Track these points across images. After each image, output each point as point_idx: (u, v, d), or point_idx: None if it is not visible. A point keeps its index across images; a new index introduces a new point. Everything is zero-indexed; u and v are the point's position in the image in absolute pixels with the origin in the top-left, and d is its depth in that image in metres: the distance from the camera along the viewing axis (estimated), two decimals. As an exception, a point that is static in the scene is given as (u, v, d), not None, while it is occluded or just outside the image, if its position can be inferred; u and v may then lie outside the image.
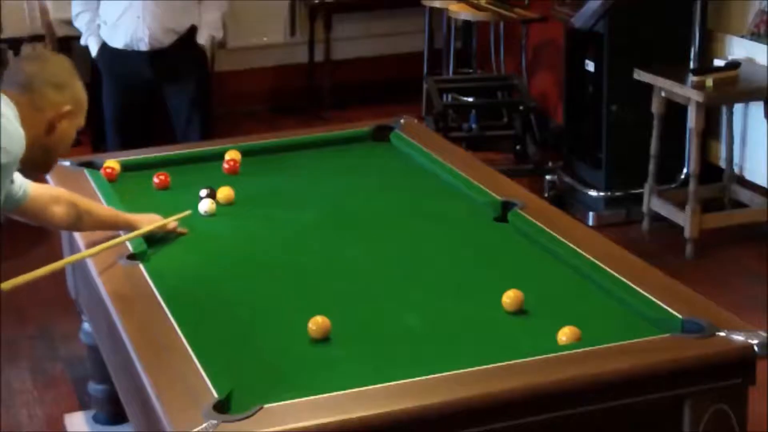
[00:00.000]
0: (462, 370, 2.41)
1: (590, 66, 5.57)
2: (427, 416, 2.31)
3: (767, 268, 4.86)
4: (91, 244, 3.14)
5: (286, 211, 3.54)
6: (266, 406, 2.29)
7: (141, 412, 2.63)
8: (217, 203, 3.53)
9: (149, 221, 3.22)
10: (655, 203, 5.28)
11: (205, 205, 3.48)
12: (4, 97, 2.55)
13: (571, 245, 3.04)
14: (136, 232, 3.16)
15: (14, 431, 3.93)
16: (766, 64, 5.16)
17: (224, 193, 3.57)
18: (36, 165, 2.67)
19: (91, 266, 3.07)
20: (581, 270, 2.94)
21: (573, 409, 2.39)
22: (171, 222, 3.28)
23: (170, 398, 2.36)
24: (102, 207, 3.26)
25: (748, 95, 5.15)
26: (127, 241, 3.14)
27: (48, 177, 3.68)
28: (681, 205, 5.10)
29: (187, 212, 3.38)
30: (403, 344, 2.68)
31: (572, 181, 5.70)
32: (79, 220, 3.08)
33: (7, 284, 2.74)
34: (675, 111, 5.17)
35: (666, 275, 2.87)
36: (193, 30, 5.05)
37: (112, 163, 3.81)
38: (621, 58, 5.35)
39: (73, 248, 3.45)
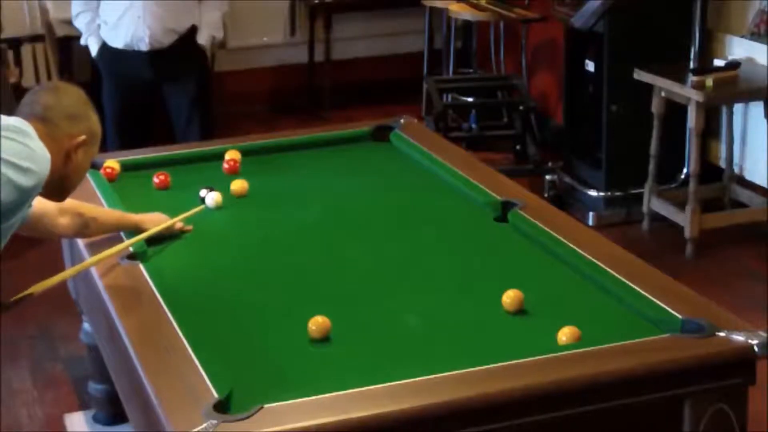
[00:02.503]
0: (462, 370, 2.41)
1: (590, 66, 5.57)
2: (427, 416, 2.31)
3: (767, 268, 4.86)
4: (91, 243, 3.14)
5: (286, 211, 3.54)
6: (266, 406, 2.29)
7: (141, 412, 2.63)
8: (231, 195, 3.57)
9: (156, 221, 3.23)
10: (655, 203, 5.28)
11: (212, 198, 3.49)
12: (27, 122, 2.57)
13: (571, 245, 3.04)
14: (146, 234, 3.17)
15: (14, 431, 3.93)
16: (766, 64, 5.16)
17: (238, 185, 3.61)
18: (52, 193, 2.70)
19: (92, 266, 3.07)
20: (581, 270, 2.94)
21: (573, 409, 2.39)
22: (178, 222, 3.29)
23: (170, 398, 2.36)
24: (107, 211, 3.26)
25: (748, 95, 5.15)
26: (143, 238, 3.15)
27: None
28: (681, 205, 5.10)
29: (201, 207, 3.40)
30: (403, 344, 2.68)
31: (572, 181, 5.70)
32: (86, 228, 3.10)
33: (38, 287, 2.77)
34: (675, 111, 5.17)
35: (666, 275, 2.87)
36: (193, 30, 5.05)
37: (112, 163, 3.81)
38: (621, 58, 5.35)
39: (73, 248, 3.46)
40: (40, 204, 2.87)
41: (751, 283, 4.78)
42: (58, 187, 2.67)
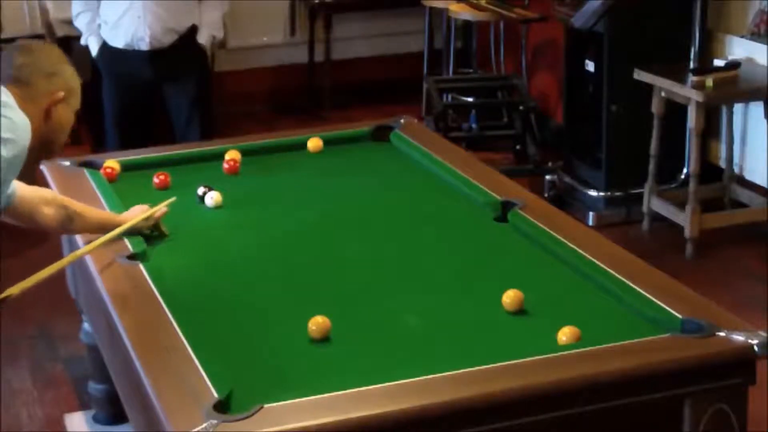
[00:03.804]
0: (462, 370, 2.41)
1: (590, 66, 5.57)
2: (427, 416, 2.31)
3: (767, 268, 4.86)
4: (90, 242, 3.15)
5: (286, 211, 3.54)
6: (266, 406, 2.29)
7: (141, 412, 2.63)
8: (308, 152, 3.92)
9: (138, 213, 3.21)
10: (655, 203, 5.28)
11: (212, 198, 3.49)
12: (3, 88, 2.54)
13: (571, 245, 3.04)
14: (122, 227, 3.13)
15: (14, 431, 3.93)
16: (766, 64, 5.16)
17: (314, 142, 3.94)
18: (39, 154, 2.67)
19: (91, 266, 3.07)
20: (581, 270, 2.94)
21: (573, 409, 2.39)
22: (159, 210, 3.26)
23: (170, 398, 2.36)
24: (94, 210, 3.22)
25: (748, 95, 5.15)
26: (120, 234, 3.13)
27: (48, 177, 3.69)
28: (681, 205, 5.10)
29: (172, 199, 3.36)
30: (403, 344, 2.68)
31: (572, 181, 5.70)
32: (70, 222, 3.05)
33: (15, 288, 2.75)
34: (675, 111, 5.17)
35: (666, 275, 2.87)
36: (193, 30, 5.05)
37: (112, 163, 3.81)
38: (621, 58, 5.35)
39: (73, 248, 3.45)
40: (23, 190, 2.84)
41: (751, 283, 4.78)
42: (43, 147, 2.64)
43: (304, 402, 2.32)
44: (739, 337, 2.49)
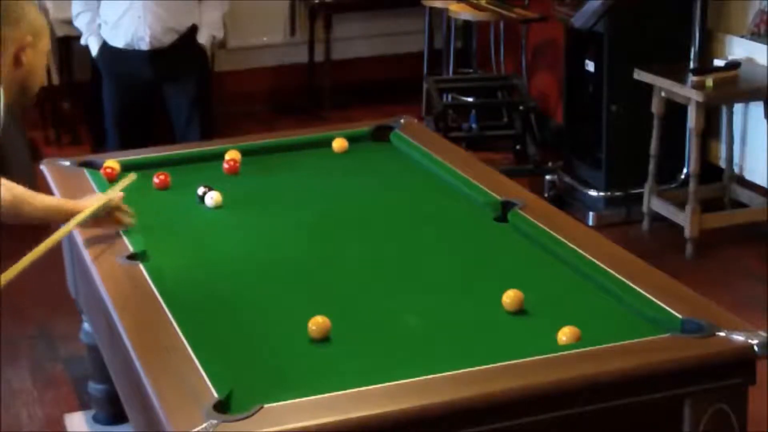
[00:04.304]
0: (462, 370, 2.41)
1: (590, 66, 5.57)
2: (427, 416, 2.31)
3: (767, 268, 4.86)
4: (88, 240, 3.14)
5: (286, 211, 3.54)
6: (266, 406, 2.29)
7: (141, 412, 2.63)
8: (333, 151, 3.93)
9: (95, 201, 3.15)
10: (655, 203, 5.28)
11: (212, 198, 3.49)
12: None
13: (571, 245, 3.04)
14: (83, 214, 3.07)
15: (14, 431, 3.93)
16: (766, 64, 5.16)
17: (339, 143, 3.95)
18: (16, 102, 2.62)
19: (91, 266, 3.07)
20: (581, 270, 2.94)
21: (573, 409, 2.39)
22: (116, 194, 3.20)
23: (170, 398, 2.36)
24: (45, 196, 3.12)
25: (748, 95, 5.15)
26: (82, 221, 3.08)
27: (48, 177, 3.69)
28: (681, 205, 5.11)
29: (132, 176, 3.34)
30: (403, 344, 2.68)
31: (572, 181, 5.70)
32: (16, 208, 2.97)
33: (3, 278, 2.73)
34: (675, 111, 5.17)
35: (666, 275, 2.87)
36: (193, 29, 5.05)
37: (112, 163, 3.81)
38: (621, 58, 5.36)
39: (73, 247, 3.45)
40: None
41: (751, 283, 4.78)
42: (18, 93, 2.60)
43: (304, 402, 2.32)
44: (739, 337, 2.49)
